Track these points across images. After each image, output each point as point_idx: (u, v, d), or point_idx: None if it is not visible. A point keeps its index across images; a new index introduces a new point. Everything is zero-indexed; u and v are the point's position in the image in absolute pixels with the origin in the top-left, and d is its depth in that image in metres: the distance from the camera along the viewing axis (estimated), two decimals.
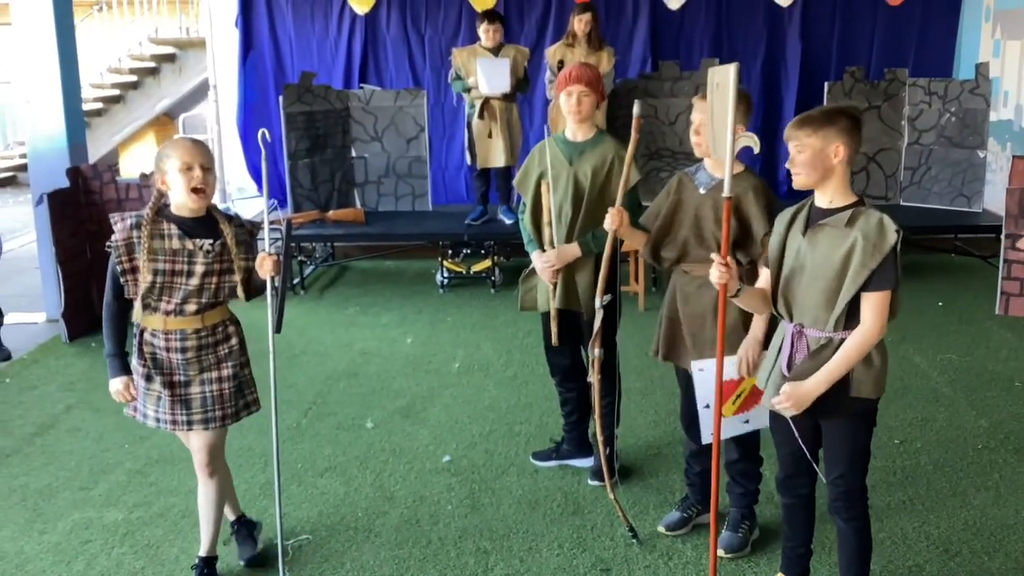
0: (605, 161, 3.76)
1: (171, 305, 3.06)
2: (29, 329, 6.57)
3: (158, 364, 3.12)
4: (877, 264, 2.65)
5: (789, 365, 2.85)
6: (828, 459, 2.91)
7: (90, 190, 6.45)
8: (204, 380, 3.15)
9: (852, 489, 2.89)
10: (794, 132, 2.74)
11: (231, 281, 3.12)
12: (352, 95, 8.43)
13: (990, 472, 4.14)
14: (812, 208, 2.83)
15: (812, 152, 2.71)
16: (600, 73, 3.91)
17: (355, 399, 5.16)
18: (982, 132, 7.74)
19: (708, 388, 3.26)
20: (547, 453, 4.28)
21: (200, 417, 3.16)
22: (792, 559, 3.16)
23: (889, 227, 2.66)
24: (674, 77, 8.26)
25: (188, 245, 3.04)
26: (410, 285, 7.70)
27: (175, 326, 3.09)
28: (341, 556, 3.56)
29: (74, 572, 3.48)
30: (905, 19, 9.01)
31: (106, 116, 13.66)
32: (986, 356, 5.65)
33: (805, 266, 2.78)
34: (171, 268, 3.03)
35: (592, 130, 3.86)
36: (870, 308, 2.69)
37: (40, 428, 4.82)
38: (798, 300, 2.81)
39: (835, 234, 2.72)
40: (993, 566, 3.42)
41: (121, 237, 3.03)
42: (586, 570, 3.44)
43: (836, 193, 2.76)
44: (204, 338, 3.14)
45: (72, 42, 6.76)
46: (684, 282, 3.44)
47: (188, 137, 3.13)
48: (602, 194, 3.75)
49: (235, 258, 3.10)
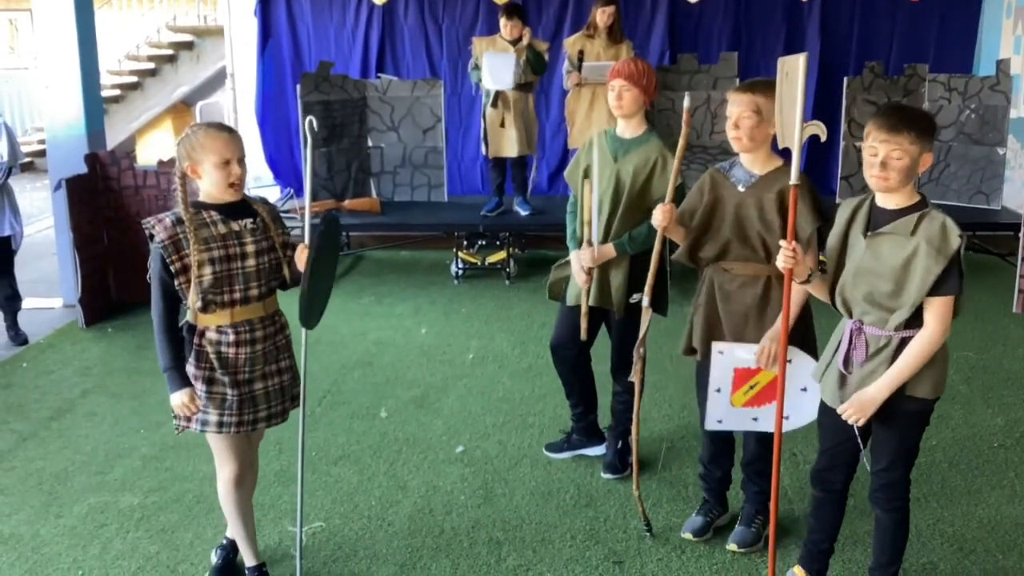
0: (648, 161, 3.70)
1: (236, 294, 2.94)
2: (46, 314, 6.61)
3: (224, 363, 2.97)
4: (942, 269, 2.63)
5: (846, 362, 2.84)
6: (876, 451, 2.90)
7: (108, 176, 6.47)
8: (266, 374, 3.06)
9: (896, 481, 2.89)
10: (893, 136, 2.63)
11: (277, 259, 3.02)
12: (369, 85, 8.43)
13: (1005, 470, 4.12)
14: (874, 207, 2.79)
15: (911, 159, 2.65)
16: (649, 68, 3.78)
17: (369, 388, 5.17)
18: (1002, 129, 7.68)
19: (724, 371, 3.23)
20: (559, 445, 4.28)
21: (265, 414, 3.07)
22: (813, 553, 3.14)
23: (952, 231, 2.65)
24: (692, 70, 8.24)
25: (234, 227, 2.93)
26: (425, 275, 7.71)
27: (242, 316, 2.97)
28: (354, 544, 3.57)
29: (89, 556, 3.50)
30: (925, 14, 8.94)
31: (124, 103, 13.72)
32: (1003, 354, 5.62)
33: (866, 266, 2.76)
34: (225, 254, 2.90)
35: (641, 128, 3.79)
36: (934, 313, 2.68)
37: (56, 412, 4.85)
38: (857, 298, 2.80)
39: (898, 241, 2.70)
40: (1008, 564, 3.40)
41: (166, 236, 2.84)
42: (599, 562, 3.44)
43: (904, 195, 2.73)
44: (267, 327, 3.04)
45: (91, 29, 6.78)
46: (724, 280, 3.34)
47: (219, 125, 2.99)
48: (642, 194, 3.69)
49: (274, 235, 3.02)
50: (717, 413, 3.33)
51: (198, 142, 2.89)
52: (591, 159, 3.71)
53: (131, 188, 6.46)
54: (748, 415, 3.32)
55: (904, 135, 2.63)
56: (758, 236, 3.22)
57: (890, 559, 2.99)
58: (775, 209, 3.17)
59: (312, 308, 2.99)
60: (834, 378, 2.89)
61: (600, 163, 3.71)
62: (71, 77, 6.61)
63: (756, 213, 3.20)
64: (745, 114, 3.14)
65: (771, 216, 3.18)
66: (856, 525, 3.56)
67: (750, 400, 3.30)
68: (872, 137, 2.68)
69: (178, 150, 2.91)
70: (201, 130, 2.92)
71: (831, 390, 2.90)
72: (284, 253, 3.04)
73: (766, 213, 3.18)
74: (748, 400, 3.30)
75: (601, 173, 3.73)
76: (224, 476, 3.14)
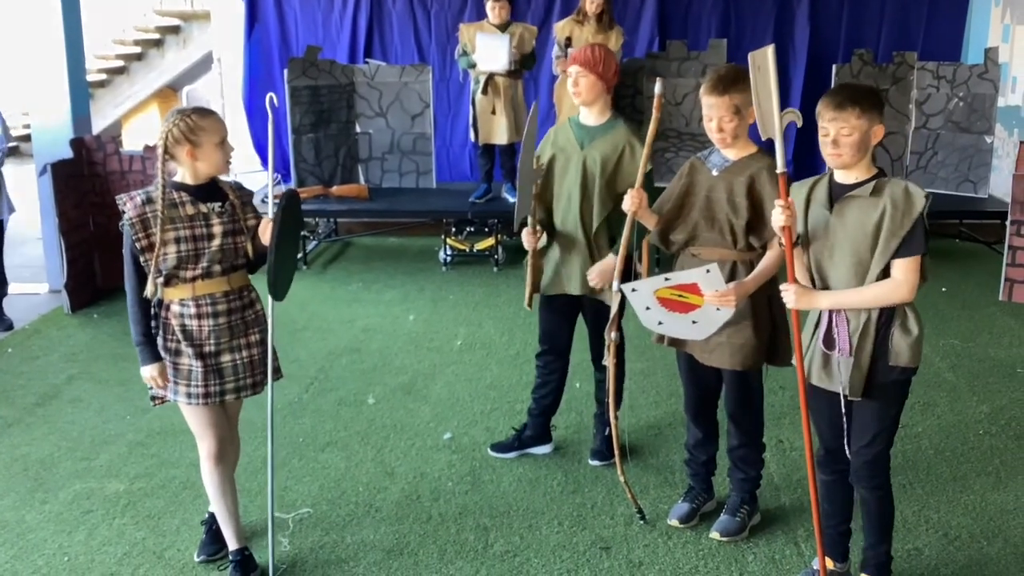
0: (616, 148, 3.69)
1: (198, 270, 3.03)
2: (31, 300, 6.57)
3: (188, 335, 3.05)
4: (907, 230, 2.69)
5: (827, 340, 2.86)
6: (856, 428, 2.92)
7: (93, 161, 6.43)
8: (234, 347, 3.12)
9: (878, 456, 2.92)
10: (840, 113, 2.73)
11: (243, 241, 3.11)
12: (357, 70, 8.38)
13: (991, 458, 4.15)
14: (832, 183, 2.85)
15: (860, 134, 2.73)
16: (607, 54, 3.75)
17: (357, 375, 5.16)
18: (990, 117, 7.70)
19: (688, 276, 3.19)
20: (509, 444, 4.18)
21: (232, 386, 3.13)
22: (834, 538, 3.15)
23: (916, 193, 2.71)
24: (681, 57, 8.22)
25: (202, 208, 3.03)
26: (413, 262, 7.70)
27: (204, 291, 3.05)
28: (341, 530, 3.57)
29: (75, 542, 3.49)
30: (914, 2, 8.98)
31: (109, 88, 13.61)
32: (989, 342, 5.65)
33: (836, 240, 2.81)
34: (191, 234, 3.00)
35: (606, 114, 3.78)
36: (900, 270, 2.74)
37: (42, 398, 4.83)
38: (832, 274, 2.84)
39: (864, 204, 2.75)
40: (992, 551, 3.42)
41: (135, 214, 2.96)
42: (586, 547, 3.44)
43: (861, 169, 2.80)
44: (232, 302, 3.11)
45: (77, 13, 6.72)
46: (692, 266, 3.36)
47: (206, 108, 3.10)
48: (610, 182, 3.69)
49: (243, 218, 3.11)
50: (641, 286, 3.26)
51: (196, 124, 2.96)
52: (558, 147, 3.75)
53: (117, 173, 6.43)
54: (657, 310, 3.25)
55: (849, 111, 2.72)
56: (726, 219, 3.24)
57: (880, 537, 3.02)
58: (744, 193, 3.19)
59: (279, 279, 3.05)
60: (818, 360, 2.91)
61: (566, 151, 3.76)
62: (56, 61, 6.55)
63: (725, 196, 3.23)
64: (726, 117, 3.18)
65: (740, 200, 3.20)
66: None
67: (668, 301, 3.23)
68: (822, 117, 2.78)
69: (170, 133, 2.95)
70: (195, 113, 3.00)
71: (816, 372, 2.92)
72: (252, 235, 3.13)
73: (735, 196, 3.20)
74: (667, 299, 3.22)
75: (568, 162, 3.75)
76: (204, 451, 3.20)
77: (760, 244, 3.24)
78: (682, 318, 3.23)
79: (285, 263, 3.10)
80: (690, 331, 3.28)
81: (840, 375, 2.86)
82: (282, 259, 3.03)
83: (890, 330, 2.80)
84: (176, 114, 2.99)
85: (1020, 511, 3.69)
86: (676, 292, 3.21)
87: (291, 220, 3.08)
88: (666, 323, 3.28)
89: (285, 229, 3.00)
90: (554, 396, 4.13)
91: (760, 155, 3.25)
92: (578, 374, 4.57)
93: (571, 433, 4.37)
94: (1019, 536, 3.52)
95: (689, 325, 3.25)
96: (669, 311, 3.24)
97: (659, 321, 3.28)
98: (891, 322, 2.80)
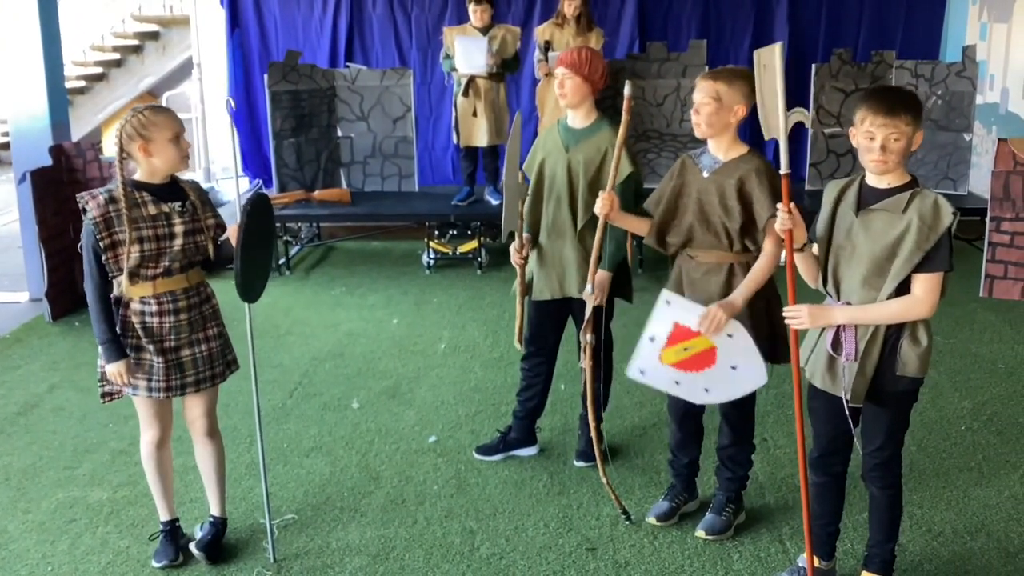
0: (599, 150, 3.68)
1: (159, 269, 3.07)
2: (12, 308, 6.53)
3: (149, 332, 3.11)
4: (932, 245, 2.66)
5: (834, 344, 2.85)
6: (868, 432, 2.93)
7: (73, 168, 6.39)
8: (193, 342, 3.19)
9: (890, 458, 2.93)
10: (891, 119, 2.66)
11: (204, 240, 3.16)
12: (338, 74, 8.37)
13: (973, 453, 4.17)
14: (864, 187, 2.81)
15: (907, 140, 2.69)
16: (594, 56, 3.75)
17: (341, 380, 5.15)
18: (968, 115, 7.74)
19: (664, 322, 3.18)
20: (494, 446, 4.18)
21: (193, 379, 3.20)
22: (822, 537, 3.15)
23: (944, 208, 2.67)
24: (661, 58, 8.24)
25: (164, 208, 3.07)
26: (396, 266, 7.68)
27: (164, 288, 3.10)
28: (327, 535, 3.56)
29: (58, 551, 3.47)
30: (892, 1, 9.01)
31: (89, 94, 13.56)
32: (970, 338, 5.68)
33: (857, 246, 2.78)
34: (154, 234, 3.04)
35: (591, 117, 3.78)
36: (921, 286, 2.70)
37: (23, 408, 4.79)
38: (847, 279, 2.81)
39: (890, 218, 2.72)
40: (975, 546, 3.44)
41: (98, 214, 2.98)
42: (572, 549, 3.45)
43: (896, 175, 2.76)
44: (191, 298, 3.17)
45: (55, 19, 6.68)
46: (690, 268, 3.36)
47: (158, 105, 3.16)
48: (595, 184, 3.68)
49: (203, 217, 3.16)
50: (643, 363, 3.26)
51: (148, 120, 3.00)
52: (547, 150, 3.74)
53: (97, 180, 6.38)
54: (672, 376, 3.24)
55: (901, 117, 2.66)
56: (720, 222, 3.23)
57: (887, 535, 3.03)
58: (735, 196, 3.18)
59: (248, 282, 3.08)
60: (823, 361, 2.89)
61: (553, 154, 3.77)
62: (35, 68, 6.51)
63: (717, 199, 3.22)
64: (704, 101, 3.16)
65: (731, 203, 3.19)
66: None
67: (680, 363, 3.21)
68: (868, 122, 2.69)
69: (123, 130, 2.99)
70: (148, 109, 3.04)
71: (820, 374, 2.91)
72: (213, 234, 3.18)
73: (727, 199, 3.19)
74: (678, 362, 3.21)
75: (555, 165, 3.76)
76: (147, 439, 3.31)
77: (756, 247, 3.22)
78: (698, 377, 3.19)
79: (255, 265, 3.13)
80: (705, 397, 3.25)
81: (844, 379, 2.84)
82: (250, 261, 3.06)
83: (900, 340, 2.79)
84: (131, 112, 3.04)
85: (1003, 506, 3.72)
86: (679, 349, 3.19)
87: (258, 222, 3.10)
88: (683, 383, 3.24)
89: (251, 231, 3.03)
90: (539, 399, 4.13)
91: (750, 156, 3.23)
92: (563, 376, 4.57)
93: (556, 435, 4.37)
94: (1002, 531, 3.54)
95: (702, 392, 3.22)
96: (686, 372, 3.21)
97: (676, 381, 3.25)
98: (901, 331, 2.78)
